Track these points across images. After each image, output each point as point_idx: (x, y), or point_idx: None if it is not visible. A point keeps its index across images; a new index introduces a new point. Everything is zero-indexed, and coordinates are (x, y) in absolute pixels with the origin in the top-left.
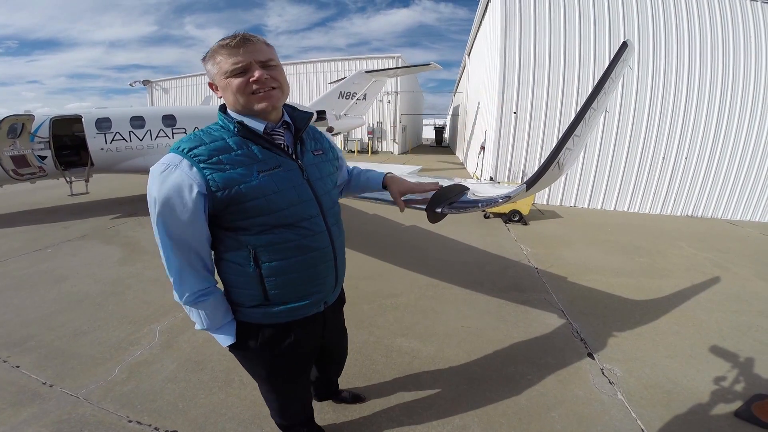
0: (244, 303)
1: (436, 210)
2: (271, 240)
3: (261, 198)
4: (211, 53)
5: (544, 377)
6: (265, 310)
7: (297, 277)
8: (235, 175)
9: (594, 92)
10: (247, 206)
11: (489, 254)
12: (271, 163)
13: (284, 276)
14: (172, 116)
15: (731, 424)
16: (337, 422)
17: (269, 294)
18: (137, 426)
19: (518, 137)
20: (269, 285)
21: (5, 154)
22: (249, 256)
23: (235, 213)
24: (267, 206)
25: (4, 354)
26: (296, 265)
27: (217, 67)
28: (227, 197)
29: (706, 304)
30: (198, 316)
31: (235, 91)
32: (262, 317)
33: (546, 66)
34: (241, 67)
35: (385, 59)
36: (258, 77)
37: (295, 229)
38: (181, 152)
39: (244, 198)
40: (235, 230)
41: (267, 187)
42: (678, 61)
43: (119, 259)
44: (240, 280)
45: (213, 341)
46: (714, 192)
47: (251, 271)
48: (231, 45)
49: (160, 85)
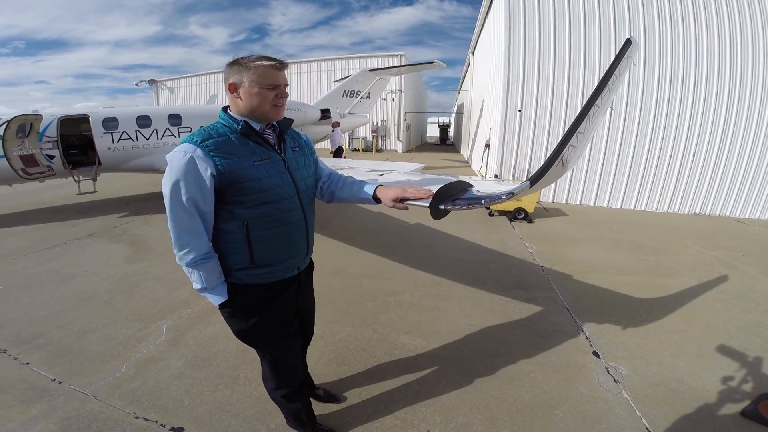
0: (234, 266)
1: (439, 207)
2: (260, 213)
3: (254, 180)
4: (253, 66)
5: (549, 375)
6: (250, 272)
7: (277, 244)
8: (236, 161)
9: (598, 89)
10: (243, 186)
11: (493, 252)
12: (262, 154)
13: (267, 243)
14: (178, 115)
15: (738, 423)
16: (341, 423)
17: (255, 258)
18: (144, 422)
19: (523, 135)
20: (255, 250)
21: (14, 153)
22: (242, 226)
23: (235, 191)
24: (259, 186)
25: (14, 351)
26: (277, 235)
27: (256, 77)
28: (230, 178)
29: (713, 303)
30: (198, 276)
31: (266, 100)
32: (248, 278)
33: (551, 63)
34: (276, 85)
35: (389, 57)
36: (284, 94)
37: (277, 205)
38: (195, 143)
39: (242, 179)
40: (233, 204)
41: (259, 172)
42: (685, 57)
43: (126, 257)
44: (233, 247)
45: (219, 338)
46: (722, 190)
47: (242, 238)
48: (276, 67)
49: (166, 84)
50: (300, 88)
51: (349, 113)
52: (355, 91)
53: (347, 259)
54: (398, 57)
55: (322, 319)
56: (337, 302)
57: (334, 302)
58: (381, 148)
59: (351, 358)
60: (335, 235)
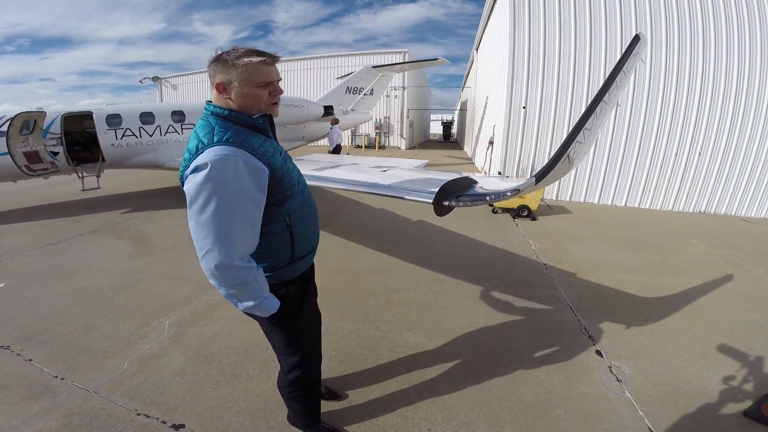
0: (278, 266)
1: (443, 203)
2: (298, 204)
3: (288, 174)
4: (242, 64)
5: (551, 374)
6: (290, 267)
7: (310, 230)
8: (277, 159)
9: (605, 85)
10: (283, 181)
11: (497, 250)
12: (277, 147)
13: (305, 232)
14: (181, 112)
15: (740, 423)
16: (343, 421)
17: (295, 251)
18: (146, 419)
19: (527, 132)
20: (296, 243)
21: (18, 150)
22: (285, 222)
23: (278, 187)
24: (291, 179)
25: (17, 347)
26: (309, 221)
27: (247, 75)
28: (279, 175)
29: (717, 302)
30: (252, 290)
31: (261, 100)
32: (288, 274)
33: (555, 60)
34: (269, 82)
35: (392, 54)
36: (279, 91)
37: (302, 195)
38: (235, 145)
39: (283, 175)
40: (277, 203)
41: (287, 165)
42: (692, 54)
43: (129, 253)
44: (276, 248)
45: (221, 335)
46: (727, 188)
47: (287, 235)
48: (268, 62)
49: (170, 81)
50: (303, 85)
51: (352, 110)
52: (358, 88)
53: (350, 255)
54: (401, 54)
55: (325, 316)
56: (339, 299)
57: (337, 299)
58: (384, 145)
59: (353, 356)
60: (338, 232)
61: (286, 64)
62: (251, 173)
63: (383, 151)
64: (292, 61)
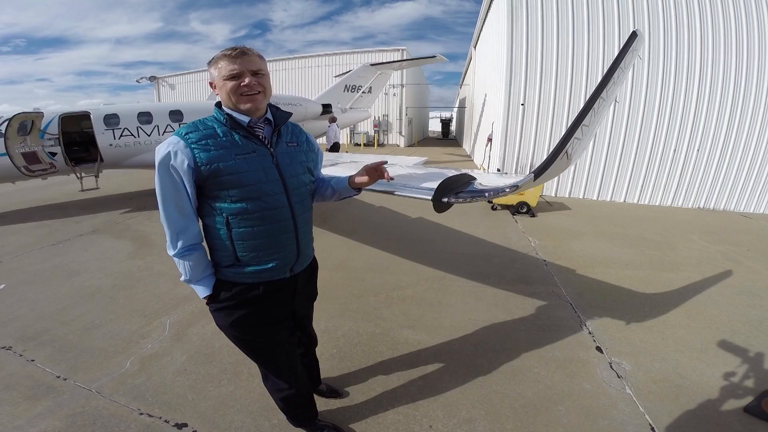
0: (221, 263)
1: (442, 200)
2: (240, 209)
3: (234, 174)
4: (215, 60)
5: (552, 371)
6: (236, 270)
7: (261, 243)
8: (216, 154)
9: (603, 82)
10: (223, 179)
11: (496, 246)
12: (247, 148)
13: (250, 241)
14: (179, 111)
15: (741, 419)
16: (344, 419)
17: (239, 255)
18: (148, 418)
19: (526, 129)
20: (238, 248)
21: (16, 151)
22: (223, 221)
23: (214, 184)
24: (238, 181)
25: (20, 348)
26: (260, 233)
27: (218, 71)
28: (208, 171)
29: (717, 298)
30: (183, 267)
31: (228, 91)
32: (234, 276)
33: (553, 57)
34: (236, 74)
35: (391, 52)
36: (248, 83)
37: (259, 202)
38: (180, 135)
39: (221, 173)
40: (213, 198)
41: (240, 166)
42: (690, 50)
43: (129, 253)
44: (217, 243)
45: (222, 333)
46: (726, 184)
47: (224, 234)
48: (231, 55)
49: (167, 81)
50: (301, 84)
51: (351, 108)
52: (356, 85)
53: (349, 253)
54: (400, 51)
55: (325, 314)
56: (339, 297)
57: (337, 297)
58: (383, 143)
59: (353, 353)
60: (337, 230)
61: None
62: (173, 160)
63: (382, 149)
64: (290, 59)
